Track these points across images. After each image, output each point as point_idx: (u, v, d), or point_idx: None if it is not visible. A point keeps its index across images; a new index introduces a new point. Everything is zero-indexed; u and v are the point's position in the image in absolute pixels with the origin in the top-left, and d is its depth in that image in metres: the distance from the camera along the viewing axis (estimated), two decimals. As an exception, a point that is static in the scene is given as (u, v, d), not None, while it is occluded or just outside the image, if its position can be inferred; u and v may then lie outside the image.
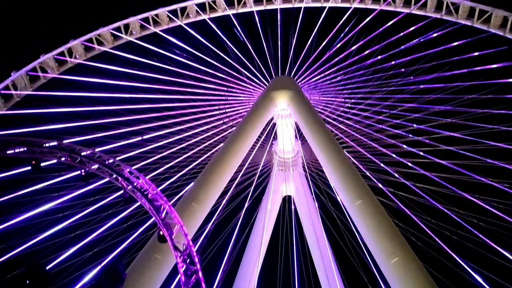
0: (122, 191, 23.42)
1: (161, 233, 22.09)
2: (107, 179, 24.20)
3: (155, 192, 22.15)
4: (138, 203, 24.02)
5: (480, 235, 30.40)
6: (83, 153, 24.08)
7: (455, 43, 41.77)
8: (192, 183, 32.65)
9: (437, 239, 31.01)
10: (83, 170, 23.87)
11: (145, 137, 38.60)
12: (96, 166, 23.48)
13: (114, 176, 22.64)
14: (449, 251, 30.24)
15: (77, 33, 43.93)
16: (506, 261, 29.44)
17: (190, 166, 37.23)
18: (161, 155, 37.76)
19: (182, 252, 21.26)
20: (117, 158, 24.45)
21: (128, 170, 22.87)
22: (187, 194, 30.71)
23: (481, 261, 29.49)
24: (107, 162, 23.29)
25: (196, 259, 21.19)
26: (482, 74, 39.12)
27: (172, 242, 21.24)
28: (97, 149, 25.91)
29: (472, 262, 29.53)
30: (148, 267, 24.79)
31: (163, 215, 22.08)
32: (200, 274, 21.04)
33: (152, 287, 24.64)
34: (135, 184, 22.56)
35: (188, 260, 21.25)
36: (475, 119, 36.18)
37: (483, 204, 32.18)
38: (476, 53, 40.31)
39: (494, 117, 36.19)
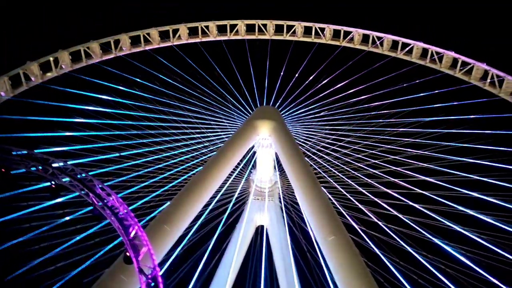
0: (92, 207, 22.91)
1: (127, 254, 21.56)
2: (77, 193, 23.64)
3: (125, 211, 21.70)
4: (108, 221, 23.45)
5: (446, 281, 30.57)
6: (54, 165, 23.50)
7: (436, 91, 42.96)
8: (166, 205, 32.22)
9: (404, 282, 30.98)
10: (53, 183, 23.25)
11: (122, 153, 38.13)
12: (67, 180, 22.91)
13: (85, 191, 22.12)
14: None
15: (65, 43, 43.78)
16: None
17: (166, 187, 36.88)
18: (137, 173, 37.30)
19: (147, 275, 20.74)
20: (90, 173, 23.95)
21: (100, 186, 22.40)
22: (159, 216, 30.27)
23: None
24: (79, 176, 22.78)
25: (161, 284, 20.68)
26: (460, 123, 40.18)
27: (138, 264, 20.73)
28: (70, 162, 25.37)
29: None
30: (112, 287, 24.15)
31: (131, 235, 21.58)
32: (164, 299, 20.55)
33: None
34: (105, 201, 22.08)
35: (153, 284, 20.73)
36: (451, 165, 36.93)
37: (451, 251, 32.46)
38: (456, 103, 41.49)
39: (469, 166, 36.99)
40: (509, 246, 31.16)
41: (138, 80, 43.72)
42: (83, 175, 22.74)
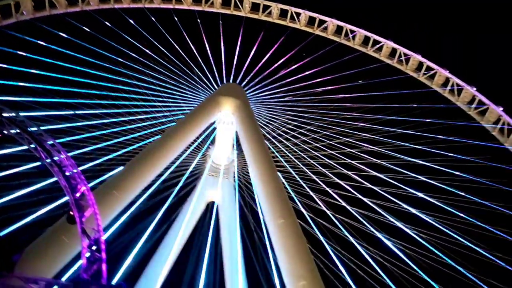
0: (39, 162, 21.97)
1: (71, 213, 20.95)
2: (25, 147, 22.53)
3: (74, 170, 20.95)
4: (55, 179, 22.60)
5: (383, 274, 31.87)
6: (4, 114, 22.23)
7: (399, 91, 44.00)
8: (118, 170, 31.50)
9: (343, 270, 32.03)
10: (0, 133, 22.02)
11: (77, 112, 36.74)
12: (16, 131, 21.76)
13: (34, 145, 21.12)
14: (350, 281, 31.33)
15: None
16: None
17: (119, 152, 35.89)
18: (91, 134, 36.04)
19: (90, 237, 20.28)
20: (42, 128, 22.87)
21: (50, 142, 21.45)
22: (109, 180, 29.68)
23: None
24: (29, 129, 21.72)
25: (103, 248, 20.29)
26: (417, 126, 41.40)
27: (81, 225, 20.19)
28: (22, 113, 24.12)
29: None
30: (52, 247, 23.55)
31: (77, 195, 20.94)
32: (104, 263, 20.15)
33: (52, 268, 23.33)
34: (54, 158, 21.21)
35: (95, 247, 20.30)
36: (402, 165, 38.14)
37: (391, 245, 33.81)
38: (415, 105, 42.69)
39: (419, 167, 38.45)
40: (445, 247, 32.84)
41: (103, 38, 41.99)
42: (34, 128, 21.67)
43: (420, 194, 36.60)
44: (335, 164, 39.02)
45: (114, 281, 27.85)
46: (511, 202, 35.30)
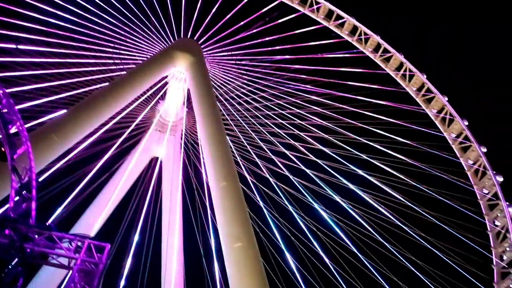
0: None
1: (2, 149, 19.84)
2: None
3: (9, 105, 19.69)
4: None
5: (315, 243, 33.20)
6: None
7: (355, 70, 44.64)
8: (59, 114, 30.06)
9: (277, 233, 32.97)
10: None
11: (20, 46, 34.24)
12: None
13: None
14: (282, 245, 32.45)
15: None
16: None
17: (62, 95, 34.07)
18: (33, 72, 33.84)
19: (21, 176, 19.38)
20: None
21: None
22: (49, 123, 28.32)
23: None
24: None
25: (34, 187, 19.46)
26: (367, 106, 42.38)
27: (12, 162, 19.19)
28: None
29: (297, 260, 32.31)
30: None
31: (11, 131, 19.82)
32: (33, 202, 19.40)
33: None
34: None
35: (25, 186, 19.46)
36: (347, 142, 39.16)
37: (325, 216, 35.07)
38: (368, 85, 43.58)
39: (363, 146, 39.71)
40: (376, 224, 34.59)
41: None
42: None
43: (360, 172, 37.93)
44: (283, 134, 39.38)
45: (49, 222, 27.05)
46: (445, 188, 37.87)
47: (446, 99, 45.08)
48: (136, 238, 32.99)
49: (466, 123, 43.59)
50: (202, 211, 34.74)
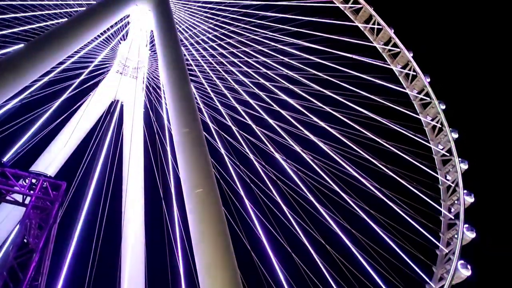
0: None
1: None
2: None
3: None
4: None
5: (272, 188, 34.14)
6: None
7: (324, 20, 44.07)
8: (13, 49, 28.47)
9: (237, 182, 33.71)
10: None
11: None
12: None
13: None
14: (241, 192, 33.29)
15: None
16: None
17: (17, 29, 32.09)
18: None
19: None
20: None
21: None
22: (3, 59, 26.73)
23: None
24: None
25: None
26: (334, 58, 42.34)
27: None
28: None
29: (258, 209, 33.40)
30: None
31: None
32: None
33: None
34: None
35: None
36: (312, 94, 39.50)
37: (287, 167, 35.88)
38: (336, 37, 43.28)
39: (328, 98, 40.14)
40: (334, 174, 35.85)
41: None
42: None
43: (321, 123, 38.63)
44: (248, 82, 39.10)
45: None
46: (403, 143, 39.37)
47: (411, 54, 45.71)
48: (95, 179, 32.72)
49: (428, 79, 44.70)
50: (163, 156, 34.68)
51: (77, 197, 31.67)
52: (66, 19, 33.69)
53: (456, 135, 41.89)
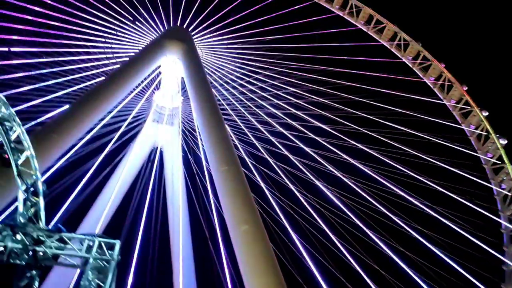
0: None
1: (6, 156, 20.13)
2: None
3: (8, 111, 19.88)
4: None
5: (320, 222, 33.64)
6: None
7: (348, 44, 44.33)
8: (57, 112, 30.38)
9: (281, 215, 33.45)
10: None
11: (12, 49, 34.39)
12: None
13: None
14: (287, 225, 32.99)
15: None
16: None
17: (58, 94, 34.35)
18: (28, 73, 34.09)
19: (27, 181, 19.71)
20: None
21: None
22: (49, 123, 28.63)
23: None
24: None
25: (40, 191, 19.80)
26: (364, 79, 42.22)
27: (17, 168, 19.51)
28: None
29: (304, 239, 32.82)
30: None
31: (12, 137, 20.03)
32: (42, 207, 19.81)
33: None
34: (-16, 98, 19.99)
35: (32, 191, 19.79)
36: (345, 117, 39.25)
37: (328, 192, 35.41)
38: (362, 58, 43.42)
39: (360, 119, 39.76)
40: (380, 196, 34.90)
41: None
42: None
43: (360, 146, 38.08)
44: (280, 114, 39.54)
45: (55, 222, 27.67)
46: (445, 155, 37.91)
47: (443, 65, 44.84)
48: (142, 228, 33.56)
49: (466, 88, 43.48)
50: (206, 196, 35.21)
51: (128, 249, 32.55)
52: (103, 77, 35.57)
53: (504, 141, 39.89)
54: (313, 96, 40.38)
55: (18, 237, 18.18)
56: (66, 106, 30.87)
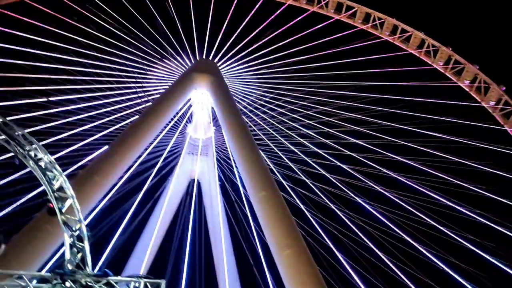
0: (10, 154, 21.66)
1: (51, 205, 20.85)
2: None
3: (49, 161, 20.71)
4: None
5: (363, 237, 32.78)
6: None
7: (375, 56, 43.93)
8: (96, 154, 31.39)
9: (324, 236, 32.89)
10: None
11: (51, 98, 36.14)
12: None
13: (5, 138, 20.76)
14: (331, 246, 32.27)
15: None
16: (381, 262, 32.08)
17: (96, 136, 35.64)
18: (66, 120, 35.63)
19: (72, 228, 20.29)
20: (15, 117, 22.44)
21: (21, 133, 21.08)
22: (90, 166, 29.51)
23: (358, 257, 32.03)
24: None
25: (86, 237, 20.29)
26: (396, 90, 41.57)
27: (61, 216, 20.16)
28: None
29: (350, 258, 31.91)
30: (36, 237, 23.70)
31: (55, 186, 20.78)
32: (88, 252, 20.27)
33: (38, 258, 23.57)
34: (27, 149, 20.92)
35: (77, 237, 20.32)
36: (380, 130, 38.54)
37: (370, 208, 34.62)
38: (391, 69, 42.81)
39: (396, 131, 38.90)
40: (424, 207, 33.67)
41: (71, 22, 40.92)
42: (2, 121, 21.17)
43: (399, 158, 37.11)
44: (313, 134, 39.32)
45: (100, 265, 28.15)
46: (489, 159, 36.22)
47: (477, 67, 43.51)
48: (186, 264, 33.71)
49: (504, 88, 41.93)
50: (247, 223, 35.10)
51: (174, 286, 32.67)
52: (137, 116, 36.63)
53: (552, 137, 37.91)
54: (345, 112, 40.04)
55: (68, 284, 18.55)
56: (105, 147, 31.71)
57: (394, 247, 32.11)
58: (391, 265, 31.56)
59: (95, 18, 42.33)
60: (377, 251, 32.18)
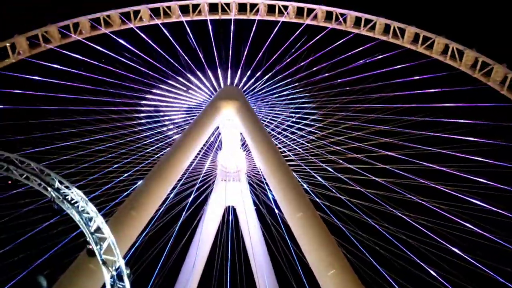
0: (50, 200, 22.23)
1: (90, 247, 21.26)
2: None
3: (85, 203, 21.25)
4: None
5: (408, 252, 31.67)
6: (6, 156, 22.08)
7: (399, 66, 43.46)
8: (132, 190, 31.94)
9: (366, 253, 31.99)
10: (9, 181, 22.15)
11: (84, 139, 37.36)
12: (23, 175, 21.86)
13: (42, 185, 21.47)
14: (377, 265, 31.26)
15: (21, 27, 41.93)
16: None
17: (130, 172, 36.41)
18: (99, 159, 36.63)
19: (111, 267, 20.55)
20: (48, 162, 23.17)
21: (58, 179, 21.73)
22: (126, 202, 29.99)
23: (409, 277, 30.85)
24: (35, 170, 21.91)
25: (126, 275, 20.48)
26: (421, 97, 40.92)
27: (101, 257, 20.49)
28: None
29: (400, 278, 30.73)
30: (80, 276, 24.06)
31: (92, 228, 21.23)
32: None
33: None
34: (64, 194, 21.52)
35: (117, 276, 20.54)
36: (411, 139, 37.76)
37: (411, 221, 33.50)
38: (417, 77, 42.15)
39: (429, 139, 37.94)
40: (465, 214, 32.40)
41: (98, 63, 42.57)
42: (38, 167, 21.91)
43: (435, 166, 36.10)
44: (343, 150, 38.90)
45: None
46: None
47: (506, 65, 42.25)
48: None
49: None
50: (285, 245, 34.65)
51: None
52: (168, 148, 37.26)
53: None
54: (374, 125, 39.55)
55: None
56: (140, 182, 32.23)
57: (443, 259, 31.09)
58: (440, 278, 30.41)
59: (120, 58, 43.76)
60: (424, 265, 31.08)
